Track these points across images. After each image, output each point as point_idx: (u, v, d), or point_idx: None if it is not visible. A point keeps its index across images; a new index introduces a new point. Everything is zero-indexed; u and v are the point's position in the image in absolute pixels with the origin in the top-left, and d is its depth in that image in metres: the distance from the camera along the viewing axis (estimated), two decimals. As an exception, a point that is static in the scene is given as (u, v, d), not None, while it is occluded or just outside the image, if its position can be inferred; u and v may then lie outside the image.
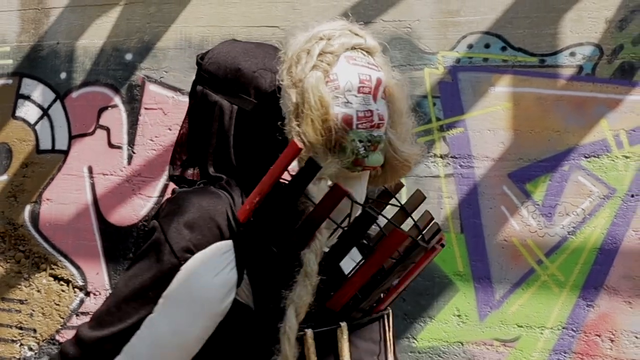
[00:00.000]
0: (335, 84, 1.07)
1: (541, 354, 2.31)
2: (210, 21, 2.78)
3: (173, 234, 1.04)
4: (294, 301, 1.02)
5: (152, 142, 2.82)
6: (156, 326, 1.05)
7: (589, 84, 2.33)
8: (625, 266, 2.24)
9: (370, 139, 1.09)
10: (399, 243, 1.05)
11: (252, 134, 1.14)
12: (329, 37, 1.09)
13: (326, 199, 1.02)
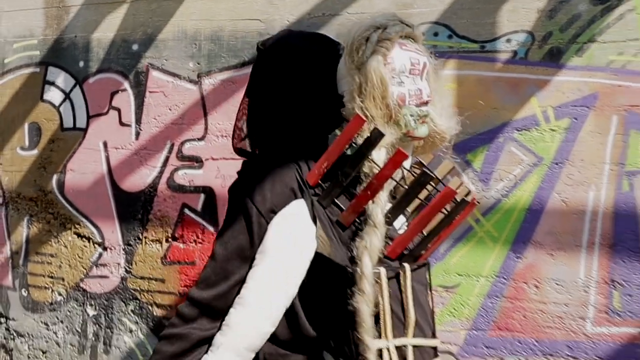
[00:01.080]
0: (392, 66, 1.20)
1: (477, 298, 2.63)
2: (202, 15, 3.09)
3: (257, 199, 1.15)
4: (367, 248, 1.13)
5: (156, 120, 3.18)
6: (260, 277, 1.14)
7: (522, 67, 2.58)
8: (549, 224, 2.52)
9: (419, 114, 1.21)
10: (449, 198, 1.18)
11: (313, 110, 1.24)
12: (384, 26, 1.21)
13: (390, 161, 1.14)
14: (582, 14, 2.50)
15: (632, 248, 2.41)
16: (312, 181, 1.17)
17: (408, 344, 1.20)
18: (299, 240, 1.17)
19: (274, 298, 1.16)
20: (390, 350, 1.16)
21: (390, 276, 1.18)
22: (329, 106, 1.22)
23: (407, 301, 1.20)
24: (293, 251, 1.16)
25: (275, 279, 1.15)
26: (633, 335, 2.41)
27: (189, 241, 3.12)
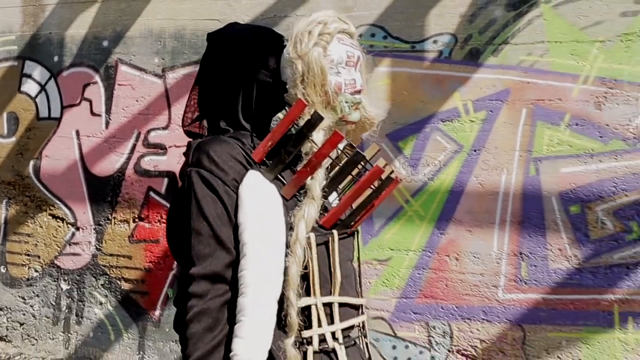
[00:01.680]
0: (330, 57, 1.31)
1: (407, 270, 2.98)
2: (166, 15, 3.42)
3: (217, 171, 1.21)
4: (303, 217, 1.24)
5: (124, 111, 3.50)
6: (255, 235, 1.20)
7: (446, 65, 2.94)
8: (468, 204, 2.88)
9: (353, 101, 1.34)
10: (378, 175, 1.32)
11: (256, 95, 1.32)
12: (325, 22, 1.32)
13: (328, 141, 1.25)
14: (498, 19, 2.86)
15: (538, 225, 2.78)
16: (257, 158, 1.26)
17: (334, 301, 1.30)
18: (272, 196, 1.25)
19: (274, 248, 1.22)
20: (318, 306, 1.27)
21: (320, 242, 1.28)
22: (272, 92, 1.32)
23: (335, 264, 1.30)
24: (272, 205, 1.24)
25: (268, 231, 1.21)
26: (537, 300, 2.78)
27: (154, 221, 3.45)
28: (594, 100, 2.71)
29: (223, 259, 1.19)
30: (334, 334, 1.29)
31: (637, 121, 2.66)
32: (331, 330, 1.29)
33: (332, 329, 1.29)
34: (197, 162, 1.22)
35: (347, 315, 1.34)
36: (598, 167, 2.70)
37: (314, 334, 1.26)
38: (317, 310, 1.27)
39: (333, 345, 1.28)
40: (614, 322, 2.67)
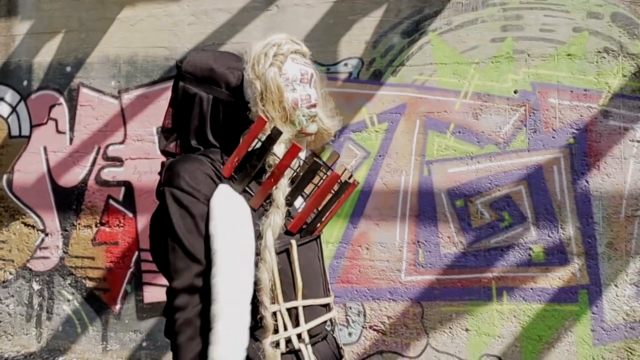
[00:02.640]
0: (286, 76, 1.47)
1: (327, 260, 3.82)
2: (121, 44, 4.27)
3: (187, 188, 1.35)
4: (270, 225, 1.38)
5: (85, 128, 4.35)
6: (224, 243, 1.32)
7: (355, 84, 3.79)
8: (375, 201, 3.74)
9: (310, 114, 1.49)
10: (335, 180, 1.48)
11: (223, 115, 1.47)
12: (278, 44, 1.49)
13: (288, 153, 1.40)
14: (395, 45, 3.72)
15: (431, 217, 3.63)
16: (226, 173, 1.40)
17: (298, 305, 1.46)
18: (241, 207, 1.39)
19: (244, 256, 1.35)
20: (282, 312, 1.42)
21: (280, 250, 1.42)
22: (237, 111, 1.47)
23: (295, 271, 1.45)
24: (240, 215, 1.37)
25: (237, 240, 1.34)
26: (432, 281, 3.62)
27: (113, 225, 4.27)
28: (472, 112, 3.57)
29: (197, 270, 1.33)
30: (300, 335, 1.46)
31: (506, 128, 3.52)
32: (296, 333, 1.45)
33: (297, 331, 1.46)
34: (169, 180, 1.38)
35: (314, 315, 1.51)
36: (477, 167, 3.56)
37: (280, 337, 1.42)
38: (282, 316, 1.43)
39: (299, 346, 1.45)
40: (492, 295, 3.51)
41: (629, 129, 3.39)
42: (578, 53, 3.45)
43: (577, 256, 3.43)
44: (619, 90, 3.40)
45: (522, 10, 3.54)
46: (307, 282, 1.49)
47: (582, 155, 3.44)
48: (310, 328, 1.48)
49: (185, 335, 1.32)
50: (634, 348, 3.36)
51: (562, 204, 3.46)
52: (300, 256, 1.47)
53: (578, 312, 3.42)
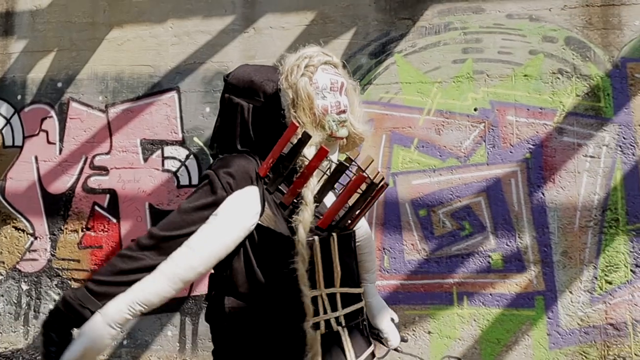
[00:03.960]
0: (316, 85, 1.35)
1: (298, 265, 3.23)
2: (109, 62, 3.66)
3: (222, 177, 1.26)
4: (301, 221, 1.25)
5: (74, 139, 3.71)
6: (206, 230, 1.24)
7: (326, 101, 3.24)
8: (344, 210, 3.16)
9: (339, 120, 1.37)
10: (360, 182, 1.33)
11: (262, 121, 1.36)
12: (310, 56, 1.38)
13: (316, 155, 1.28)
14: (363, 65, 3.17)
15: (396, 225, 3.06)
16: (262, 173, 1.30)
17: (336, 291, 1.34)
18: (243, 212, 1.27)
19: (212, 248, 1.24)
20: (323, 297, 1.31)
21: (322, 243, 1.30)
22: (274, 118, 1.36)
23: (335, 260, 1.32)
24: (237, 218, 1.26)
25: (216, 234, 1.24)
26: (397, 285, 3.05)
27: (98, 230, 3.63)
28: (434, 127, 3.03)
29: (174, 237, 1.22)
30: (338, 319, 1.33)
31: (466, 143, 2.98)
32: (335, 316, 1.32)
33: (336, 314, 1.32)
34: (215, 167, 1.29)
35: (348, 302, 1.37)
36: (439, 180, 3.01)
37: (320, 319, 1.30)
38: (322, 300, 1.30)
39: (337, 329, 1.32)
40: (453, 300, 2.95)
41: (581, 145, 2.87)
42: (534, 74, 2.94)
43: (533, 264, 2.89)
44: (572, 108, 2.89)
45: (482, 34, 3.02)
46: (343, 271, 1.35)
47: (538, 169, 2.91)
48: (346, 313, 1.35)
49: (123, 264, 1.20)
50: (588, 352, 2.82)
51: (519, 215, 2.92)
52: (338, 247, 1.33)
53: (534, 316, 2.87)
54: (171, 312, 3.46)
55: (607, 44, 2.86)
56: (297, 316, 1.26)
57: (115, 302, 1.18)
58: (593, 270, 2.82)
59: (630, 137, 2.82)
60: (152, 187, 3.52)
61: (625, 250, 2.79)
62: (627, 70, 2.83)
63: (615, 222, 2.81)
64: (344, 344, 1.33)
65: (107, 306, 1.18)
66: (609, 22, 2.86)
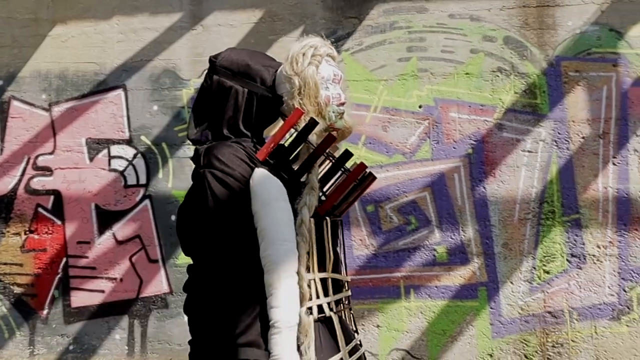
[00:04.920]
0: (321, 75, 1.38)
1: (248, 263, 3.25)
2: (52, 59, 3.59)
3: (226, 169, 1.27)
4: (306, 204, 1.29)
5: (16, 139, 3.61)
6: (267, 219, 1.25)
7: (275, 98, 3.28)
8: (293, 207, 3.20)
9: (339, 111, 1.40)
10: (362, 169, 1.38)
11: (255, 107, 1.36)
12: (315, 46, 1.41)
13: (324, 141, 1.33)
14: (311, 63, 3.23)
15: (345, 221, 3.10)
16: (261, 157, 1.30)
17: (328, 277, 1.36)
18: (279, 187, 1.29)
19: (287, 229, 1.27)
20: (316, 281, 1.32)
21: (316, 227, 1.33)
22: (269, 104, 1.37)
23: (327, 245, 1.36)
24: (280, 193, 1.28)
25: (280, 215, 1.27)
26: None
27: (42, 233, 3.55)
28: (381, 124, 3.12)
29: (243, 244, 1.24)
30: (329, 304, 1.34)
31: (412, 140, 3.09)
32: (327, 301, 1.34)
33: (328, 300, 1.34)
34: (209, 163, 1.27)
35: (337, 290, 1.40)
36: (386, 175, 3.10)
37: (313, 304, 1.30)
38: (315, 284, 1.31)
39: (329, 314, 1.34)
40: (401, 294, 3.04)
41: (520, 140, 3.02)
42: (475, 72, 3.07)
43: (476, 256, 3.01)
44: (511, 105, 3.03)
45: (426, 33, 3.13)
46: (334, 257, 1.39)
47: (480, 164, 3.04)
48: (336, 299, 1.38)
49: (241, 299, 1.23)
50: (528, 340, 2.95)
51: (462, 209, 3.03)
52: (331, 235, 1.38)
53: (478, 307, 2.99)
54: (119, 315, 3.42)
55: (543, 43, 3.02)
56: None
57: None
58: (532, 260, 2.96)
59: (564, 132, 2.98)
60: (99, 187, 3.48)
61: (561, 240, 2.94)
62: (561, 68, 2.99)
63: (551, 214, 2.96)
64: (335, 329, 1.34)
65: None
66: (544, 23, 3.02)
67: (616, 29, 2.95)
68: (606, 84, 2.95)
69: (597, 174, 2.93)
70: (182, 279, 3.32)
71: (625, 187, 2.91)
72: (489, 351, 2.97)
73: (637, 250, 2.89)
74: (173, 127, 3.41)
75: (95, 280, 3.46)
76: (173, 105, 3.40)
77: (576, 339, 2.91)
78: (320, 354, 1.29)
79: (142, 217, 3.42)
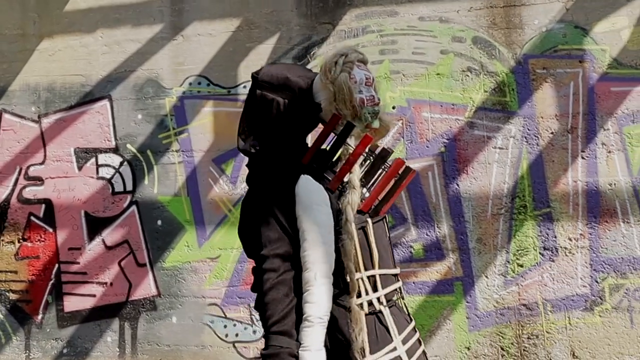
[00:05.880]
0: (354, 80, 1.47)
1: (232, 264, 3.38)
2: (40, 73, 3.76)
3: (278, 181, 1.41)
4: (349, 203, 1.40)
5: (8, 151, 3.78)
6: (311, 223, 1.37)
7: (254, 104, 3.39)
8: (274, 209, 3.31)
9: (374, 112, 1.48)
10: (401, 165, 1.48)
11: (296, 116, 1.47)
12: (346, 54, 1.50)
13: (362, 142, 1.43)
14: (288, 68, 3.34)
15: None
16: (305, 161, 1.43)
17: (376, 273, 1.46)
18: (320, 191, 1.40)
19: (327, 231, 1.38)
20: (364, 279, 1.43)
21: (359, 227, 1.43)
22: (308, 112, 1.48)
23: (371, 244, 1.46)
24: (321, 198, 1.39)
25: (320, 219, 1.37)
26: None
27: (35, 241, 3.70)
28: (356, 126, 3.22)
29: (288, 243, 1.36)
30: (379, 298, 1.44)
31: (386, 140, 3.19)
32: (376, 296, 1.43)
33: (377, 295, 1.44)
34: (262, 175, 1.43)
35: (388, 283, 1.50)
36: (362, 175, 3.19)
37: (363, 300, 1.42)
38: (363, 282, 1.43)
39: (379, 308, 1.45)
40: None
41: (491, 137, 3.11)
42: (446, 72, 3.17)
43: (451, 251, 3.10)
44: (481, 104, 3.13)
45: (397, 36, 3.24)
46: (381, 254, 1.47)
47: (453, 162, 3.13)
48: (386, 293, 1.46)
49: (280, 292, 1.33)
50: (504, 332, 3.04)
51: (437, 206, 3.13)
52: (374, 232, 1.46)
53: (454, 302, 3.08)
54: (110, 318, 3.55)
55: (511, 42, 3.11)
56: (343, 294, 1.40)
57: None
58: (505, 254, 3.04)
59: (534, 128, 3.07)
60: (87, 195, 3.62)
61: (533, 234, 3.02)
62: (529, 66, 3.08)
63: (523, 209, 3.05)
64: (387, 322, 1.44)
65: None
66: (511, 22, 3.11)
67: (581, 26, 3.04)
68: (573, 80, 3.04)
69: (567, 168, 3.02)
70: (169, 282, 3.46)
71: (595, 180, 2.99)
72: (466, 344, 3.05)
73: (608, 242, 2.96)
74: (157, 134, 3.54)
75: (86, 285, 3.60)
76: (157, 113, 3.53)
77: (551, 330, 2.99)
78: (375, 346, 1.40)
79: (130, 223, 3.56)
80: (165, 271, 3.48)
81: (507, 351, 3.02)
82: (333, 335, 1.40)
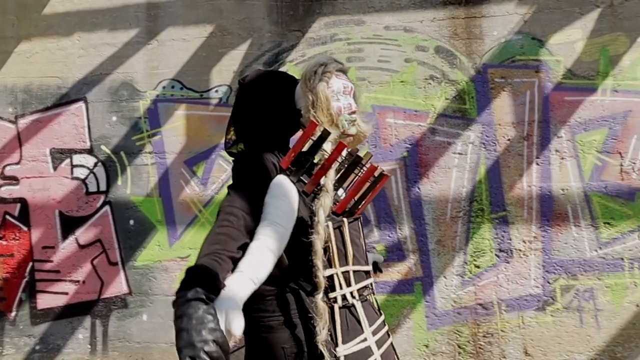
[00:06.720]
0: (332, 89, 1.55)
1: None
2: (17, 74, 3.86)
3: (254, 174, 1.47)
4: (321, 206, 1.47)
5: (-16, 151, 3.87)
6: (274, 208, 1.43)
7: (225, 108, 3.53)
8: (243, 210, 3.43)
9: (350, 119, 1.57)
10: (374, 171, 1.57)
11: (279, 121, 1.56)
12: (325, 63, 1.59)
13: (336, 149, 1.50)
14: (258, 74, 3.47)
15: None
16: (284, 165, 1.49)
17: (349, 269, 1.55)
18: (292, 191, 1.47)
19: (285, 219, 1.44)
20: (338, 274, 1.52)
21: (335, 227, 1.53)
22: (290, 118, 1.57)
23: (346, 242, 1.55)
24: (289, 195, 1.45)
25: (284, 208, 1.43)
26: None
27: (10, 239, 3.79)
28: (323, 130, 3.35)
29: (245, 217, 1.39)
30: (352, 293, 1.52)
31: (351, 144, 3.31)
32: (349, 291, 1.52)
33: (350, 289, 1.52)
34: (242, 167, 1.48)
35: (360, 279, 1.58)
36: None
37: (337, 294, 1.50)
38: (338, 277, 1.51)
39: (352, 302, 1.53)
40: (343, 290, 3.25)
41: (451, 143, 3.25)
42: (409, 80, 3.31)
43: (412, 253, 3.24)
44: (442, 111, 3.28)
45: (363, 44, 3.38)
46: (354, 252, 1.55)
47: (415, 166, 3.27)
48: (358, 288, 1.54)
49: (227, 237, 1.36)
50: (461, 330, 3.17)
51: (399, 208, 3.27)
52: (349, 231, 1.55)
53: (414, 301, 3.21)
54: (82, 315, 3.64)
55: (471, 52, 3.26)
56: (312, 290, 1.47)
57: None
58: (463, 256, 3.18)
59: (492, 135, 3.21)
60: (62, 194, 3.71)
61: (490, 236, 3.17)
62: (488, 75, 3.23)
63: (481, 212, 3.19)
64: (358, 314, 1.53)
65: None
66: (471, 33, 3.26)
67: (538, 37, 3.20)
68: (529, 89, 3.19)
69: (522, 174, 3.17)
70: (140, 280, 3.57)
71: (548, 186, 3.14)
72: (424, 342, 3.19)
73: (560, 244, 3.12)
74: (131, 136, 3.65)
75: (59, 283, 3.69)
76: (131, 116, 3.64)
77: (505, 329, 3.13)
78: (347, 336, 1.49)
79: (103, 222, 3.66)
80: (137, 270, 3.58)
81: (464, 349, 3.16)
82: (307, 327, 1.46)
